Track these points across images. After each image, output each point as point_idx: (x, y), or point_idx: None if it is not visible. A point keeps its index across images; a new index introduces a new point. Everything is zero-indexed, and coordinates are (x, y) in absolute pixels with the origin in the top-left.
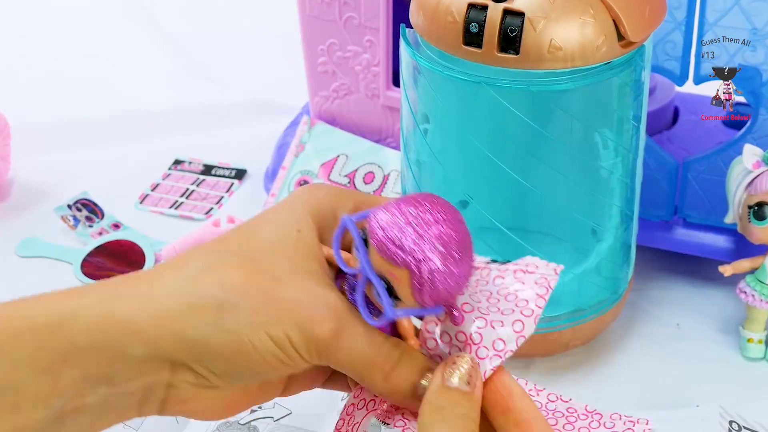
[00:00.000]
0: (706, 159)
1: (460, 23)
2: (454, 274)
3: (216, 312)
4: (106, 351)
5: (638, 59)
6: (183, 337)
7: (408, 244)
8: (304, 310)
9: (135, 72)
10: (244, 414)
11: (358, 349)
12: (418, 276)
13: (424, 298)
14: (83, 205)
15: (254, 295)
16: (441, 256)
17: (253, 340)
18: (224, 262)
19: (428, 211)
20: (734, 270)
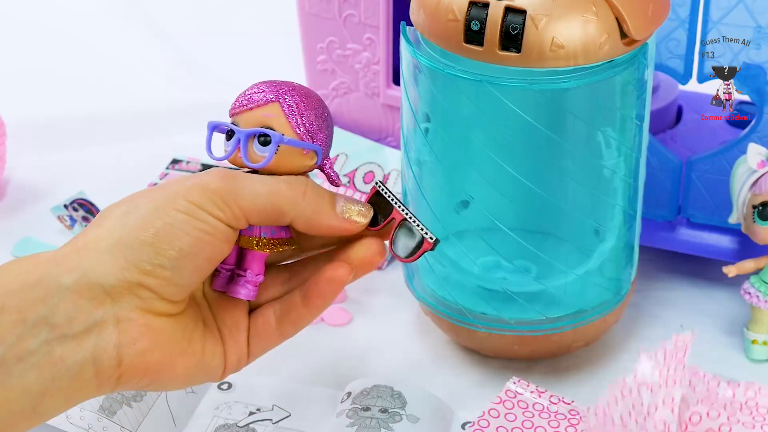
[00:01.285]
0: (710, 158)
1: (461, 21)
2: (319, 107)
3: (122, 218)
4: (38, 287)
5: (641, 57)
6: (104, 249)
7: (266, 90)
8: (193, 178)
9: (132, 70)
10: (243, 416)
11: (258, 184)
12: (288, 105)
13: (299, 124)
14: (80, 205)
15: (148, 194)
16: (299, 90)
17: (163, 218)
18: (120, 203)
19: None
20: (738, 271)
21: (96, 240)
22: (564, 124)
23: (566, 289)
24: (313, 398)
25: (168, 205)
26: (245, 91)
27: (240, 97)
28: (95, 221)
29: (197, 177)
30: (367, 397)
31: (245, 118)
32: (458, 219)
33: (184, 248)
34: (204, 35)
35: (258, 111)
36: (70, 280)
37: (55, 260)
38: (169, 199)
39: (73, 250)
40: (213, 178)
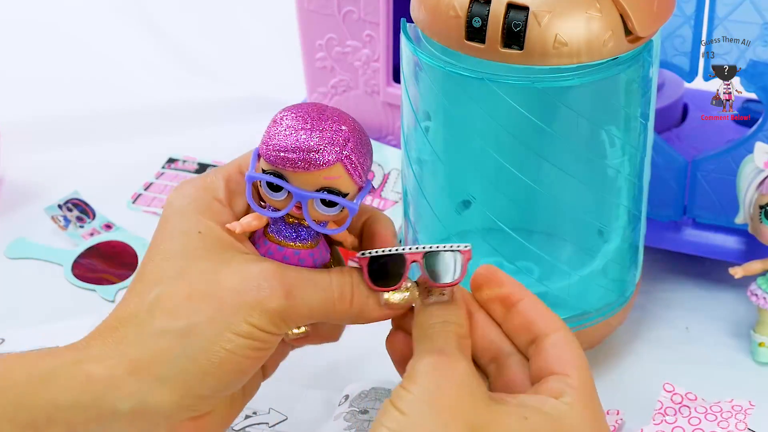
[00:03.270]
0: (716, 157)
1: (463, 18)
2: (368, 144)
3: (181, 342)
4: (92, 409)
5: (646, 55)
6: (165, 379)
7: (323, 144)
8: (251, 292)
9: (127, 68)
10: (239, 420)
11: (314, 296)
12: (350, 161)
13: (361, 176)
14: (74, 205)
15: (203, 307)
16: (350, 132)
17: (225, 345)
18: (164, 293)
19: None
20: (745, 272)
21: (153, 363)
22: (567, 123)
23: (569, 291)
24: (310, 401)
25: (228, 328)
26: (291, 141)
27: (284, 146)
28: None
29: (256, 291)
30: (365, 400)
31: (299, 178)
32: (459, 219)
33: (245, 370)
34: (201, 32)
35: (318, 174)
36: (127, 406)
37: (111, 383)
38: (228, 320)
39: (130, 372)
40: (273, 296)
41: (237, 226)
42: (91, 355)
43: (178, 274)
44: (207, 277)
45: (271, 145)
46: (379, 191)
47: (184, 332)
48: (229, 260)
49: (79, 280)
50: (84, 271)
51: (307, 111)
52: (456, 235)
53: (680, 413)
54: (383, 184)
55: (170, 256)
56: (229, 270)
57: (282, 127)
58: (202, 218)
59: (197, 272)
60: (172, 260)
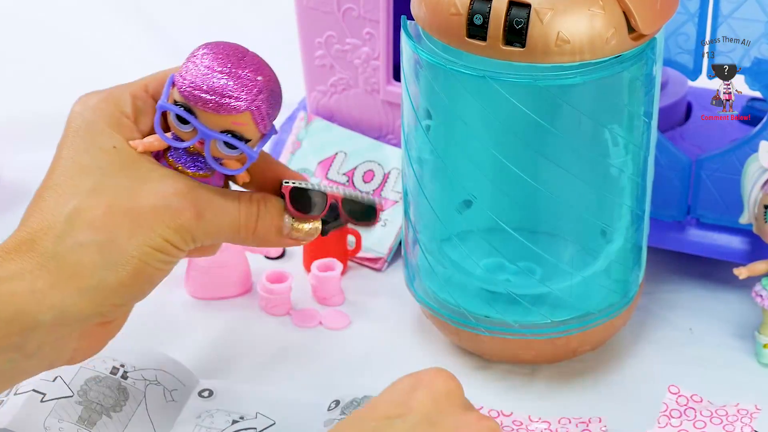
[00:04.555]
0: (721, 157)
1: (464, 15)
2: (278, 95)
3: (101, 254)
4: (15, 322)
5: (649, 53)
6: (85, 290)
7: (236, 91)
8: (165, 212)
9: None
10: (226, 425)
11: (222, 219)
12: (258, 111)
13: (267, 125)
14: None
15: (123, 221)
16: (264, 85)
17: (141, 257)
18: (82, 205)
19: (226, 57)
20: (750, 272)
21: (74, 275)
22: (570, 122)
23: (572, 292)
24: (298, 406)
25: (145, 242)
26: (206, 82)
27: (199, 85)
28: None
29: (171, 209)
30: (357, 407)
31: (208, 117)
32: (460, 219)
33: (154, 281)
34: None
35: (226, 117)
36: (49, 317)
37: (34, 297)
38: (146, 235)
39: (51, 285)
40: (186, 215)
41: (139, 145)
42: (11, 271)
43: (95, 189)
44: (125, 193)
45: (187, 80)
46: (380, 191)
47: (105, 245)
48: (145, 177)
49: None
50: None
51: (228, 54)
52: (457, 235)
53: (685, 415)
54: (383, 184)
55: (85, 170)
56: (147, 187)
57: (201, 65)
58: (115, 133)
59: (115, 187)
60: (88, 174)
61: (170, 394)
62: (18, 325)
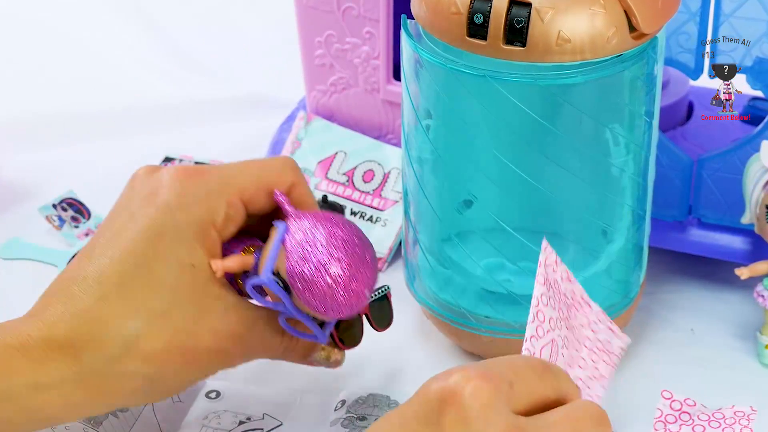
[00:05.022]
0: (722, 156)
1: (464, 14)
2: (366, 297)
3: (145, 386)
4: (47, 423)
5: (651, 52)
6: (116, 407)
7: (341, 305)
8: (217, 356)
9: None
10: (232, 426)
11: (263, 354)
12: (350, 316)
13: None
14: (69, 205)
15: (176, 361)
16: (367, 295)
17: (182, 388)
18: (143, 334)
19: (348, 248)
20: (751, 273)
21: (114, 396)
22: (570, 121)
23: None
24: (306, 406)
25: (191, 377)
26: (320, 281)
27: (311, 285)
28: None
29: (223, 356)
30: (362, 406)
31: (302, 306)
32: (461, 219)
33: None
34: (198, 29)
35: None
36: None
37: (66, 408)
38: (192, 378)
39: (88, 400)
40: (236, 356)
41: (219, 270)
42: (50, 378)
43: (162, 312)
44: (188, 327)
45: (298, 268)
46: (380, 190)
47: (153, 379)
48: (211, 307)
49: None
50: None
51: (351, 252)
52: (457, 236)
53: (681, 420)
54: (383, 184)
55: (156, 285)
56: (208, 322)
57: (319, 253)
58: (198, 248)
59: (180, 318)
60: (158, 292)
61: (177, 395)
62: (49, 425)
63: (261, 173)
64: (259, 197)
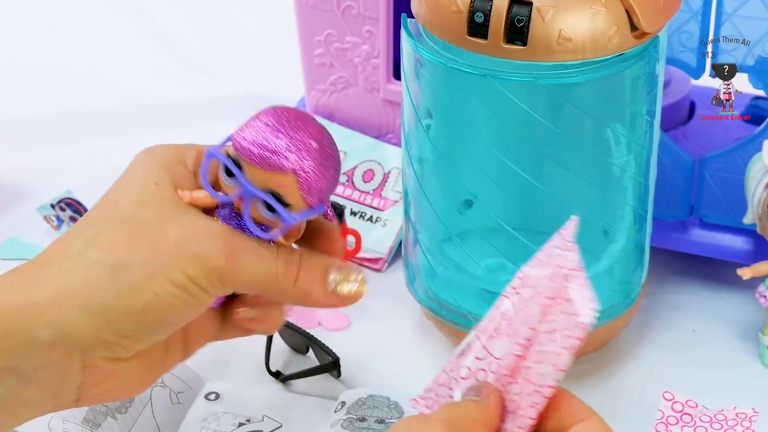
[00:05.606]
0: (724, 156)
1: (465, 13)
2: (331, 168)
3: (111, 276)
4: (9, 338)
5: (652, 51)
6: (87, 309)
7: (284, 149)
8: (193, 244)
9: (121, 65)
10: (232, 428)
11: (257, 265)
12: (305, 176)
13: (312, 194)
14: (67, 205)
15: (142, 248)
16: (318, 152)
17: (155, 289)
18: (103, 230)
19: (290, 118)
20: (753, 273)
21: (78, 293)
22: (571, 121)
23: None
24: (306, 408)
25: (163, 273)
26: (258, 136)
27: (250, 139)
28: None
29: (198, 244)
30: (362, 407)
31: (253, 173)
32: (461, 219)
33: (170, 321)
34: (197, 28)
35: (270, 175)
36: (46, 335)
37: (30, 311)
38: (164, 266)
39: (51, 300)
40: (215, 253)
41: (186, 195)
42: (11, 284)
43: (123, 218)
44: (152, 224)
45: (241, 134)
46: (380, 190)
47: (116, 267)
48: (178, 215)
49: None
50: None
51: (288, 116)
52: (457, 236)
53: (683, 421)
54: (383, 183)
55: (120, 202)
56: (176, 222)
57: (259, 122)
58: (163, 173)
59: (143, 219)
60: (121, 206)
61: (176, 396)
62: (13, 341)
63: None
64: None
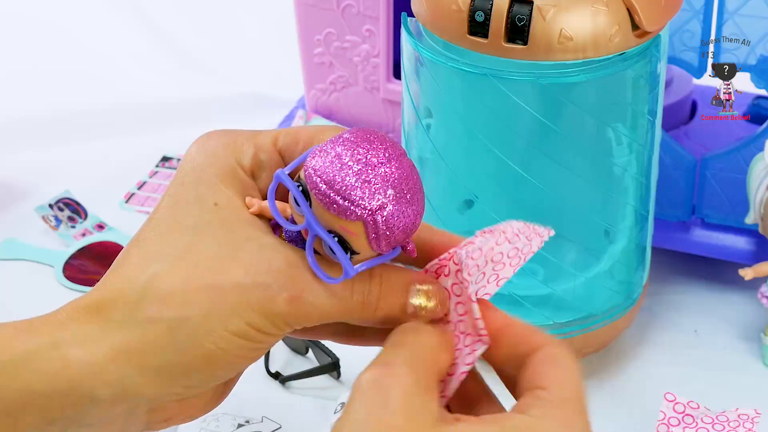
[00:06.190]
0: (726, 156)
1: (465, 11)
2: (410, 215)
3: (170, 333)
4: (70, 396)
5: (654, 50)
6: (147, 368)
7: (356, 194)
8: (255, 291)
9: (120, 64)
10: (231, 429)
11: (328, 302)
12: (375, 227)
13: (382, 246)
14: (65, 205)
15: (200, 299)
16: (394, 199)
17: (217, 343)
18: (160, 272)
19: (369, 151)
20: (755, 273)
21: (138, 352)
22: (572, 120)
23: (575, 293)
24: (305, 409)
25: (223, 326)
26: (329, 170)
27: (322, 172)
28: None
29: (260, 290)
30: None
31: (321, 212)
32: (462, 219)
33: (235, 366)
34: (196, 26)
35: (337, 219)
36: (107, 394)
37: (91, 370)
38: (225, 318)
39: (110, 360)
40: (279, 297)
41: (255, 205)
42: (70, 338)
43: (181, 253)
44: (212, 263)
45: (313, 162)
46: None
47: (175, 324)
48: (241, 245)
49: (70, 282)
50: (75, 273)
51: (369, 148)
52: None
53: (684, 422)
54: None
55: (178, 228)
56: (238, 258)
57: (332, 152)
58: (222, 186)
59: (203, 254)
60: (180, 234)
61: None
62: (74, 397)
63: (299, 128)
64: (297, 148)
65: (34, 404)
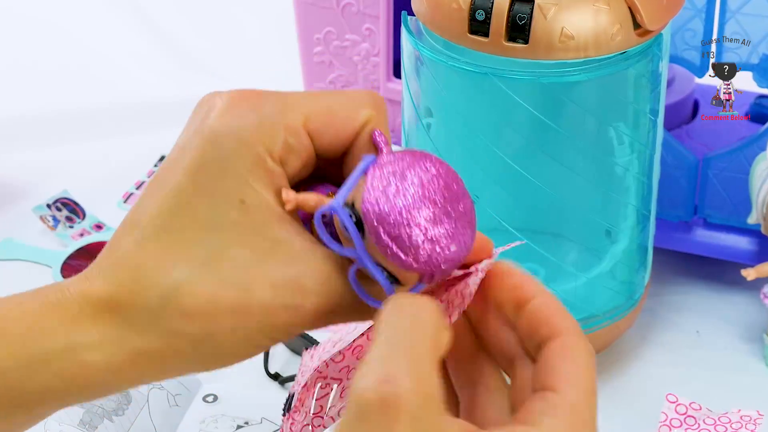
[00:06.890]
0: (728, 155)
1: (466, 10)
2: (463, 255)
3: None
4: (87, 391)
5: (655, 49)
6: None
7: (422, 255)
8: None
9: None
10: (231, 430)
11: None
12: (431, 279)
13: (430, 280)
14: (63, 205)
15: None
16: (455, 253)
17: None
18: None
19: (436, 202)
20: (758, 274)
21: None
22: (574, 120)
23: (576, 293)
24: None
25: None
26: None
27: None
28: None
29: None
30: None
31: (375, 250)
32: None
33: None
34: (195, 26)
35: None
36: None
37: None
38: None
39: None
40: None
41: (291, 202)
42: (86, 341)
43: (204, 258)
44: (239, 277)
45: (375, 200)
46: None
47: (199, 339)
48: (271, 251)
49: None
50: (73, 273)
51: (441, 198)
52: None
53: (686, 424)
54: None
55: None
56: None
57: (402, 194)
58: (250, 180)
59: (229, 263)
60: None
61: (174, 398)
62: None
63: (331, 102)
64: (329, 131)
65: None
